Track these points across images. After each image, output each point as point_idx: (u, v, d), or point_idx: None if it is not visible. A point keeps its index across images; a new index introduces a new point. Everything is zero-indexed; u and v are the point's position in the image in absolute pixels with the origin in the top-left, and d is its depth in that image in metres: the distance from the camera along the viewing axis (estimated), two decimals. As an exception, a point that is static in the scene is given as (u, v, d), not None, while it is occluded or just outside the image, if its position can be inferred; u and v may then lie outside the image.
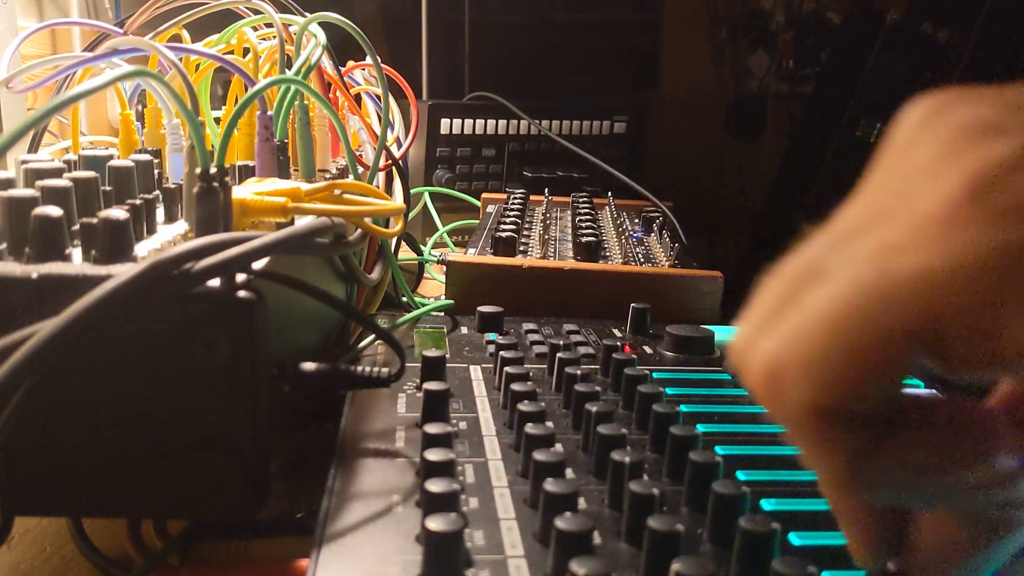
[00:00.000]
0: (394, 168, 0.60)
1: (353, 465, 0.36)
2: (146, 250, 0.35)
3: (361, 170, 0.55)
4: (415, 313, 0.57)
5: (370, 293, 0.57)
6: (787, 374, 0.20)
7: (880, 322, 0.19)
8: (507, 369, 0.43)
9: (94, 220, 0.31)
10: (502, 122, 1.06)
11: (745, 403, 0.45)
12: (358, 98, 0.67)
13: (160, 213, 0.41)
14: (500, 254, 0.66)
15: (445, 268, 0.63)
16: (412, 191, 0.82)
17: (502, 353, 0.46)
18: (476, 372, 0.48)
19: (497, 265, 0.63)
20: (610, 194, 0.93)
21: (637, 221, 0.85)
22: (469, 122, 1.05)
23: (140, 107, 0.60)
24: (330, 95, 0.58)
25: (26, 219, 0.31)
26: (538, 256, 0.68)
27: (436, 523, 0.27)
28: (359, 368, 0.37)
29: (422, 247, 0.80)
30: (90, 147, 0.54)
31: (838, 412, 0.20)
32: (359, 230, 0.45)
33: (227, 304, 0.29)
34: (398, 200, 0.60)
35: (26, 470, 0.30)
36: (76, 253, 0.33)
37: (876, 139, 0.91)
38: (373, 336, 0.51)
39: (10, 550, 0.39)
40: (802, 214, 1.00)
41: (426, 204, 0.97)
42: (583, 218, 0.77)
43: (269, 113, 0.49)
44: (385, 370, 0.37)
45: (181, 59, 0.47)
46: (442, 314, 0.59)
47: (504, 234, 0.67)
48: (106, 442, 0.30)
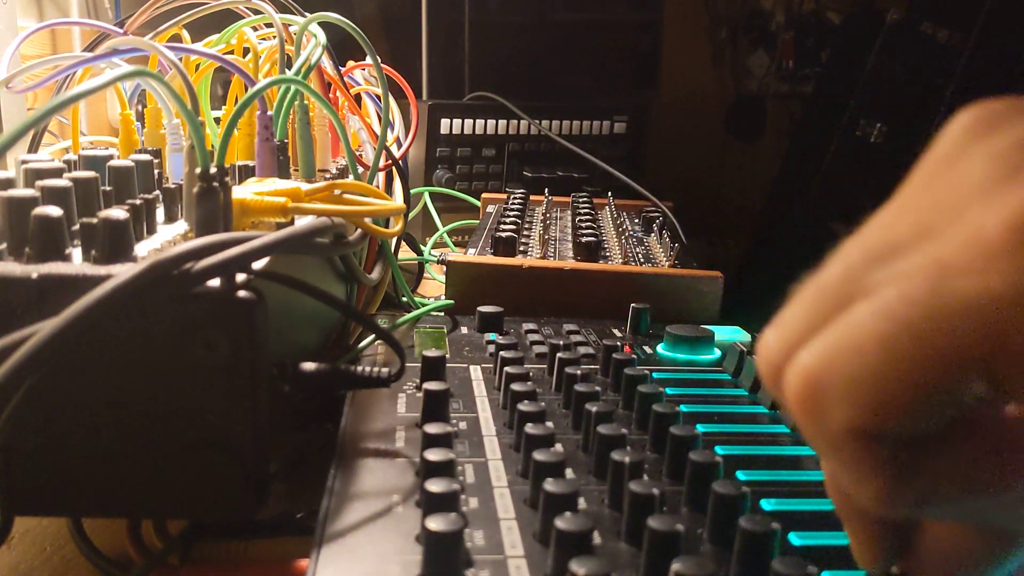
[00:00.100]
0: (394, 168, 0.60)
1: (353, 465, 0.36)
2: (146, 250, 0.35)
3: (361, 170, 0.55)
4: (415, 313, 0.57)
5: (370, 293, 0.57)
6: (829, 392, 0.20)
7: (935, 344, 0.18)
8: (507, 369, 0.43)
9: (94, 220, 0.31)
10: (502, 122, 1.06)
11: (745, 403, 0.45)
12: (358, 98, 0.67)
13: (160, 213, 0.41)
14: (500, 254, 0.66)
15: (445, 268, 0.63)
16: (412, 191, 0.82)
17: (502, 353, 0.46)
18: (476, 372, 0.48)
19: (497, 265, 0.63)
20: (610, 194, 0.93)
21: (637, 221, 0.85)
22: (469, 122, 1.05)
23: (140, 107, 0.60)
24: (330, 95, 0.58)
25: (26, 219, 0.31)
26: (538, 256, 0.68)
27: (436, 523, 0.27)
28: (359, 368, 0.37)
29: (422, 247, 0.80)
30: (90, 147, 0.54)
31: (881, 434, 0.19)
32: (359, 230, 0.45)
33: (227, 304, 0.29)
34: (398, 200, 0.60)
35: (26, 470, 0.30)
36: (76, 253, 0.33)
37: (876, 139, 0.91)
38: (373, 336, 0.51)
39: (10, 550, 0.39)
40: (802, 214, 1.00)
41: (426, 204, 0.97)
42: (583, 218, 0.77)
43: (269, 113, 0.49)
44: (385, 370, 0.37)
45: (181, 59, 0.47)
46: (442, 314, 0.59)
47: (504, 234, 0.67)
48: (106, 442, 0.30)
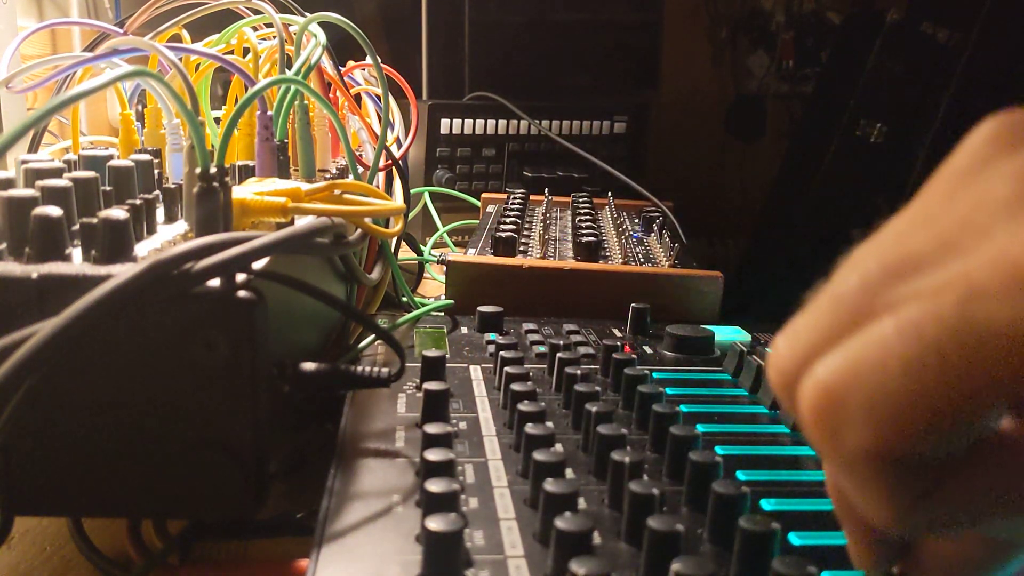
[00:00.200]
0: (394, 168, 0.60)
1: (353, 465, 0.36)
2: (146, 250, 0.35)
3: (361, 170, 0.55)
4: (415, 313, 0.57)
5: (370, 293, 0.57)
6: (847, 410, 0.19)
7: (963, 368, 0.17)
8: (507, 369, 0.43)
9: (94, 220, 0.31)
10: (502, 122, 1.06)
11: (745, 403, 0.45)
12: (358, 98, 0.67)
13: (160, 213, 0.41)
14: (500, 254, 0.66)
15: (445, 268, 0.63)
16: (412, 191, 0.82)
17: (502, 353, 0.46)
18: (476, 372, 0.48)
19: (497, 265, 0.63)
20: (610, 194, 0.93)
21: (637, 221, 0.85)
22: (469, 122, 1.05)
23: (140, 107, 0.60)
24: (330, 95, 0.58)
25: (26, 219, 0.31)
26: (538, 256, 0.68)
27: (436, 523, 0.27)
28: (359, 368, 0.37)
29: (422, 247, 0.80)
30: (90, 147, 0.54)
31: (899, 456, 0.19)
32: (359, 230, 0.45)
33: (227, 304, 0.29)
34: (398, 200, 0.59)
35: (26, 470, 0.30)
36: (76, 253, 0.33)
37: (876, 139, 0.91)
38: (373, 336, 0.51)
39: (10, 550, 0.39)
40: (802, 214, 1.00)
41: (426, 204, 0.97)
42: (583, 218, 0.77)
43: (269, 113, 0.49)
44: (385, 370, 0.37)
45: (181, 59, 0.47)
46: (442, 314, 0.59)
47: (504, 234, 0.67)
48: (106, 442, 0.30)
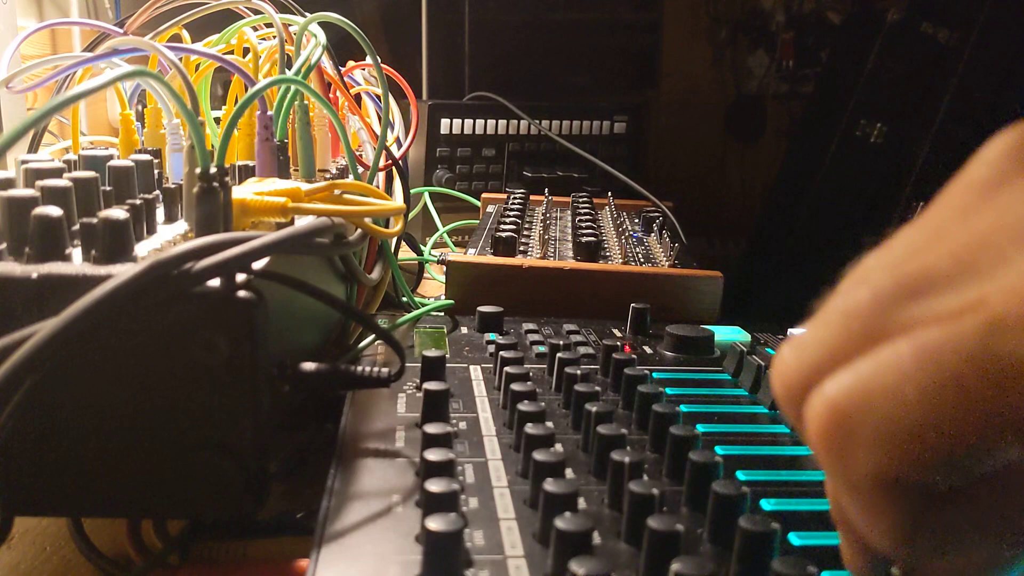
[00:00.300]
0: (394, 168, 0.60)
1: (353, 465, 0.36)
2: (146, 250, 0.35)
3: (361, 170, 0.55)
4: (415, 313, 0.57)
5: (370, 293, 0.57)
6: (858, 432, 0.18)
7: (982, 402, 0.17)
8: (507, 369, 0.43)
9: (94, 220, 0.31)
10: (502, 122, 1.06)
11: (745, 403, 0.45)
12: (358, 98, 0.67)
13: (160, 213, 0.41)
14: (500, 254, 0.66)
15: (445, 268, 0.63)
16: (412, 191, 0.82)
17: (502, 353, 0.46)
18: (476, 372, 0.48)
19: (497, 265, 0.63)
20: (610, 194, 0.93)
21: (637, 221, 0.85)
22: (469, 122, 1.05)
23: (140, 107, 0.60)
24: (330, 95, 0.58)
25: (26, 219, 0.31)
26: (538, 256, 0.68)
27: (436, 523, 0.27)
28: (359, 368, 0.37)
29: (422, 247, 0.80)
30: (90, 147, 0.54)
31: (906, 481, 0.18)
32: (359, 230, 0.45)
33: (227, 304, 0.29)
34: (398, 200, 0.59)
35: (26, 470, 0.30)
36: (76, 253, 0.33)
37: (876, 139, 0.91)
38: (373, 336, 0.51)
39: (10, 550, 0.39)
40: (802, 214, 1.00)
41: (426, 204, 0.97)
42: (583, 218, 0.77)
43: (269, 113, 0.49)
44: (385, 370, 0.37)
45: (181, 59, 0.47)
46: (442, 314, 0.59)
47: (504, 234, 0.67)
48: (106, 442, 0.30)
